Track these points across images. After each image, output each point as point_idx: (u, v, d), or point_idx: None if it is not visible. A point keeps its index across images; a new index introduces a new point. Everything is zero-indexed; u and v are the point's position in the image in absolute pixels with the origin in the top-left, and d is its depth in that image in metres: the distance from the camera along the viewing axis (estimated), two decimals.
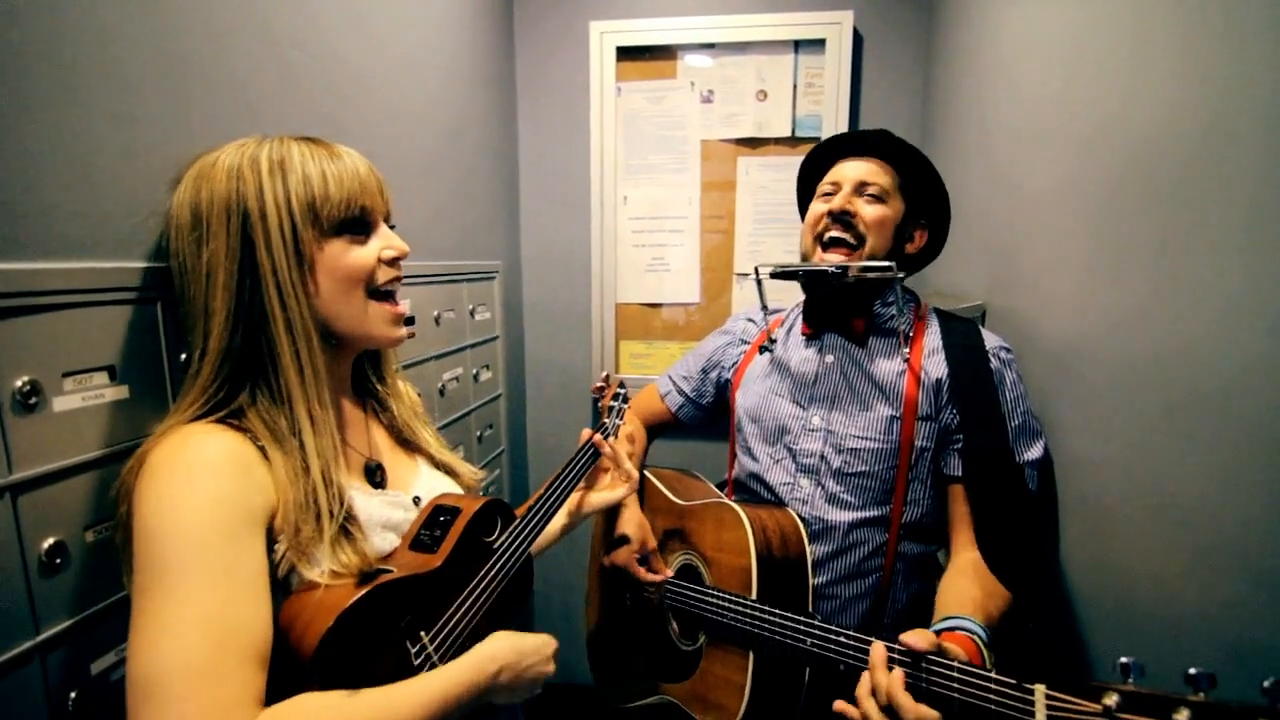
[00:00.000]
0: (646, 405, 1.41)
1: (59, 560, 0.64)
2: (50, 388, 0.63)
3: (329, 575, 0.64)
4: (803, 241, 1.17)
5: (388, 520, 0.75)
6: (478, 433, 1.69)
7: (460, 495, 0.84)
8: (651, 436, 1.43)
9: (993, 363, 1.05)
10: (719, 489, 1.28)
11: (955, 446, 1.05)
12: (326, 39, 1.08)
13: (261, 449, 0.65)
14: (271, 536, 0.64)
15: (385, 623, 0.67)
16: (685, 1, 1.92)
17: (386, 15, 1.27)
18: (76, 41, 0.67)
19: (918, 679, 0.76)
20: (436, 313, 1.46)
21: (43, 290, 0.63)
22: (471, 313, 1.65)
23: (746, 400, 1.23)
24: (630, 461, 1.08)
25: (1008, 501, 1.00)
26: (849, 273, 1.07)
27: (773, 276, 1.17)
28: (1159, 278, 0.83)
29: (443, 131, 1.54)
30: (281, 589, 0.65)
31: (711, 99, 1.95)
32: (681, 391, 1.37)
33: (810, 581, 1.06)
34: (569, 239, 2.09)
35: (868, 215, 1.09)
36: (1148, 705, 0.59)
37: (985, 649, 0.85)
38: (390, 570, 0.69)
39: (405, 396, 0.90)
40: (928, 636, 0.77)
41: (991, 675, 0.71)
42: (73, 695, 0.65)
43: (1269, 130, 0.66)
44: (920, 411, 1.06)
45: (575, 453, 1.02)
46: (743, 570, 1.04)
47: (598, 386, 1.25)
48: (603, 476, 1.07)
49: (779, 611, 0.96)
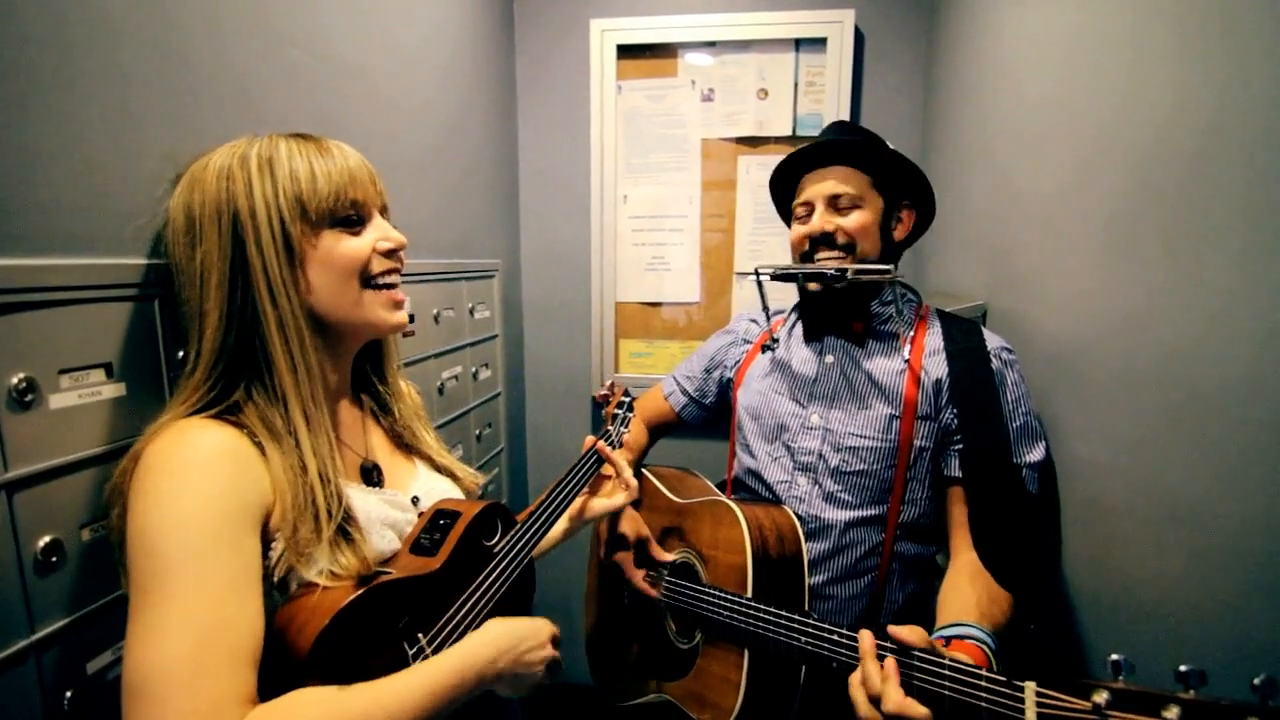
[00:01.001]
0: (651, 405, 1.42)
1: (55, 558, 0.63)
2: (47, 385, 0.63)
3: (327, 576, 0.64)
4: (792, 259, 1.19)
5: (386, 518, 0.74)
6: (476, 431, 1.69)
7: (460, 500, 0.84)
8: (655, 436, 1.43)
9: (994, 363, 1.05)
10: (719, 488, 1.28)
11: (955, 447, 1.05)
12: (327, 37, 1.08)
13: (259, 446, 0.65)
14: (268, 536, 0.64)
15: (382, 623, 0.66)
16: (686, 0, 1.92)
17: (387, 13, 1.27)
18: (76, 37, 0.66)
19: (908, 676, 0.76)
20: (436, 311, 1.46)
21: (40, 286, 0.62)
22: (471, 311, 1.65)
23: (747, 398, 1.24)
24: (629, 471, 1.08)
25: (1006, 503, 1.00)
26: (847, 275, 1.07)
27: (773, 279, 1.17)
28: (1161, 278, 0.83)
29: (442, 129, 1.53)
30: (279, 590, 0.65)
31: (712, 97, 1.95)
32: (685, 391, 1.38)
33: (806, 580, 1.06)
34: (569, 237, 2.08)
35: (849, 226, 1.10)
36: (1138, 702, 0.58)
37: (994, 658, 0.85)
38: (389, 572, 0.69)
39: (407, 397, 0.89)
40: (919, 632, 0.77)
41: (981, 672, 0.70)
42: (68, 694, 0.65)
43: (1269, 131, 0.66)
44: (920, 411, 1.06)
45: (579, 459, 1.02)
46: (739, 568, 1.03)
47: (602, 394, 1.25)
48: (605, 483, 1.07)
49: (773, 609, 0.96)
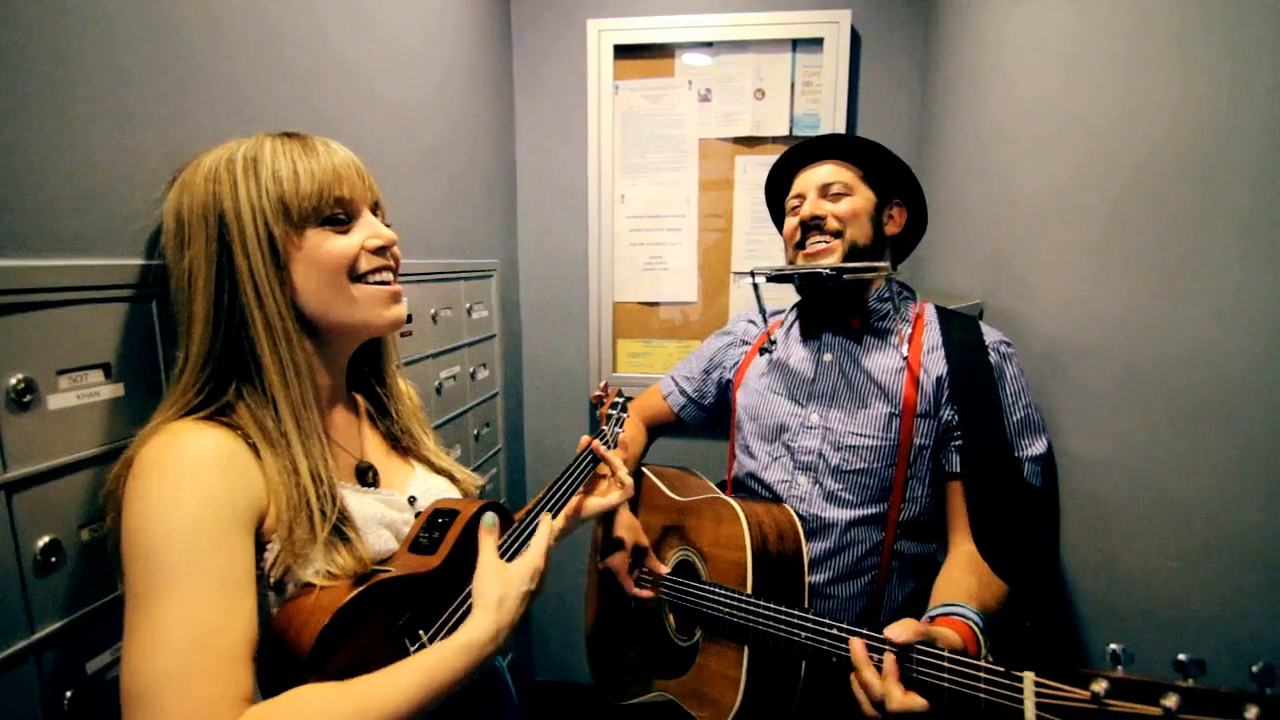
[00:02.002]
0: (649, 405, 1.42)
1: (54, 559, 0.63)
2: (45, 385, 0.63)
3: (324, 577, 0.64)
4: (786, 256, 1.22)
5: (382, 517, 0.74)
6: (475, 431, 1.69)
7: (458, 498, 0.84)
8: (653, 436, 1.43)
9: (992, 357, 1.05)
10: (718, 489, 1.28)
11: (955, 444, 1.05)
12: (324, 37, 1.08)
13: (253, 446, 0.65)
14: (263, 537, 0.64)
15: (383, 621, 0.66)
16: (683, 0, 1.92)
17: (384, 14, 1.27)
18: (74, 37, 0.66)
19: (907, 670, 0.77)
20: (433, 311, 1.46)
21: (38, 287, 0.62)
22: (469, 311, 1.65)
23: (746, 399, 1.24)
24: (625, 469, 1.09)
25: (1006, 498, 1.00)
26: (843, 275, 1.07)
27: (769, 280, 1.18)
28: (1159, 279, 0.83)
29: (440, 129, 1.53)
30: (276, 591, 0.65)
31: (709, 97, 1.95)
32: (684, 392, 1.38)
33: (805, 578, 1.06)
34: (566, 237, 2.08)
35: (839, 211, 1.13)
36: (1136, 691, 0.58)
37: (980, 634, 0.85)
38: (388, 571, 0.69)
39: (406, 398, 0.89)
40: (911, 627, 0.78)
41: (980, 663, 0.71)
42: (68, 694, 0.65)
43: (1269, 133, 0.66)
44: (919, 409, 1.06)
45: (575, 459, 1.02)
46: (738, 565, 1.04)
47: (597, 395, 1.25)
48: (601, 482, 1.07)
49: (772, 605, 0.96)
